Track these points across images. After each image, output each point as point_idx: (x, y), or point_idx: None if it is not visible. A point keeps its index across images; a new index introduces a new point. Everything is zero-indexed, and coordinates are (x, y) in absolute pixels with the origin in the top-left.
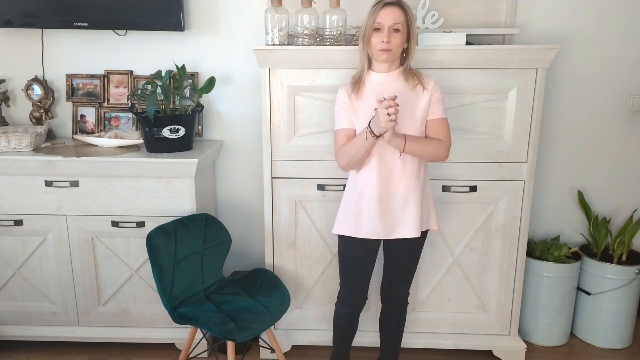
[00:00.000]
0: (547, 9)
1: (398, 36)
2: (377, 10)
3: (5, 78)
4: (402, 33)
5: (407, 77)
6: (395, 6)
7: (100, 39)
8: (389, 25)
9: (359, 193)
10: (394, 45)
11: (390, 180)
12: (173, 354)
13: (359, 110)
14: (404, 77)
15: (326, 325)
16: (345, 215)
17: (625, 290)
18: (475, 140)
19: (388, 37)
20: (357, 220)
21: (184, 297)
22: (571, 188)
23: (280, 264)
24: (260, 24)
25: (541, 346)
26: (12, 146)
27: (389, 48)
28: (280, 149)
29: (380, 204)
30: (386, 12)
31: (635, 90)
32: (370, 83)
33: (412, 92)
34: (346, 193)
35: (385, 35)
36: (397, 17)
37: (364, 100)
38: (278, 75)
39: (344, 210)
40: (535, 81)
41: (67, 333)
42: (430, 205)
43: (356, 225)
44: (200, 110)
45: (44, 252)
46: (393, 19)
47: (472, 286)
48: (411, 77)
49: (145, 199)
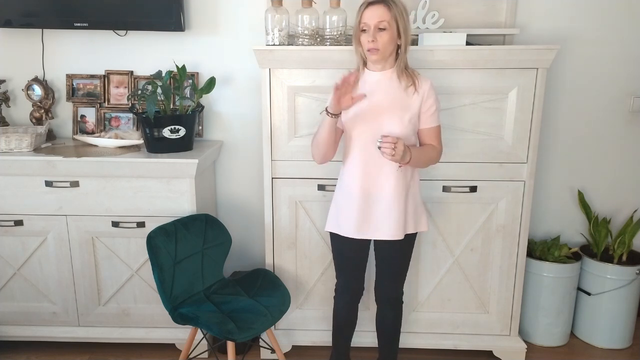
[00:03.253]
0: (547, 9)
1: (384, 34)
2: (362, 10)
3: (5, 78)
4: (389, 30)
5: (400, 77)
6: (379, 4)
7: (100, 39)
8: (373, 24)
9: (342, 191)
10: (380, 44)
11: (376, 180)
12: (173, 354)
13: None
14: (397, 76)
15: (326, 325)
16: (331, 212)
17: (625, 290)
18: (475, 140)
19: (373, 37)
20: (339, 218)
21: (184, 297)
22: (571, 188)
23: (280, 264)
24: (260, 24)
25: (541, 346)
26: (12, 146)
27: (375, 47)
28: (280, 149)
29: (362, 202)
30: (370, 11)
31: (635, 90)
32: (363, 80)
33: (403, 93)
34: (335, 190)
35: (371, 34)
36: (381, 15)
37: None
38: (278, 75)
39: (331, 207)
40: (535, 81)
41: (67, 333)
42: (419, 207)
43: (338, 223)
44: (200, 110)
45: (44, 252)
46: (377, 17)
47: (472, 286)
48: (405, 77)
49: (145, 199)
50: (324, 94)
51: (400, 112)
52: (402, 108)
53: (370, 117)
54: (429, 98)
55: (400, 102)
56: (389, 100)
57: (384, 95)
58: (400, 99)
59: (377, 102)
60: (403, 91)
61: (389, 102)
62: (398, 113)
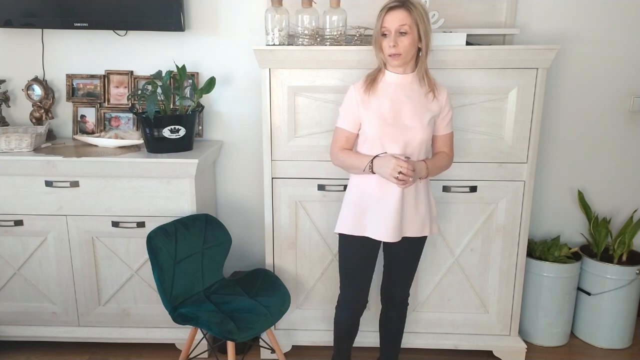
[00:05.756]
0: (547, 9)
1: (405, 39)
2: (382, 15)
3: (5, 78)
4: (410, 35)
5: (420, 81)
6: (400, 8)
7: (100, 39)
8: (394, 28)
9: (361, 191)
10: (402, 49)
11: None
12: (173, 354)
13: (370, 105)
14: (417, 80)
15: (326, 325)
16: (347, 213)
17: (625, 290)
18: (475, 140)
19: (394, 41)
20: (360, 219)
21: (184, 297)
22: (571, 188)
23: (280, 264)
24: (260, 24)
25: (541, 346)
26: (12, 146)
27: (397, 52)
28: (280, 149)
29: (382, 204)
30: (390, 16)
31: (635, 90)
32: (384, 81)
33: (424, 97)
34: (348, 191)
35: (392, 39)
36: (402, 19)
37: (376, 96)
38: (278, 75)
39: (347, 207)
40: (535, 81)
41: (67, 333)
42: (432, 208)
43: (358, 224)
44: (200, 110)
45: (44, 252)
46: (398, 22)
47: (472, 286)
48: (425, 82)
49: (145, 199)
50: (324, 94)
51: (421, 116)
52: (422, 112)
53: (391, 120)
54: (447, 106)
55: (422, 105)
56: (410, 103)
57: (405, 97)
58: (421, 102)
59: (399, 105)
60: (424, 96)
61: (411, 105)
62: (419, 116)
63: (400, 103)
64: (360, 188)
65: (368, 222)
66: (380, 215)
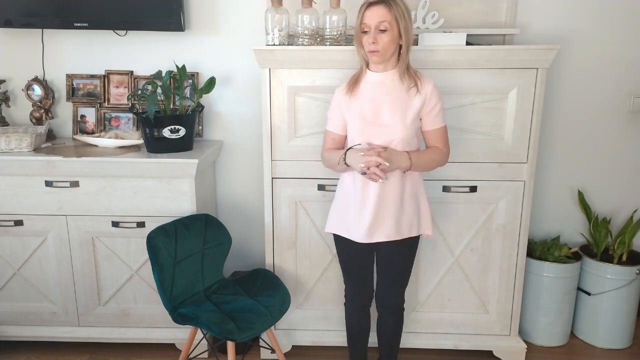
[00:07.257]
0: (547, 9)
1: (385, 36)
2: (362, 11)
3: (5, 78)
4: (390, 32)
5: (402, 78)
6: (380, 4)
7: (100, 39)
8: (374, 25)
9: (344, 188)
10: (381, 45)
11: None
12: (173, 354)
13: (352, 106)
14: (399, 77)
15: (326, 325)
16: (331, 212)
17: (625, 290)
18: (475, 140)
19: (374, 38)
20: (341, 219)
21: (184, 297)
22: (571, 188)
23: (280, 264)
24: (260, 24)
25: (541, 346)
26: (12, 146)
27: (376, 49)
28: (280, 149)
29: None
30: (370, 12)
31: (635, 90)
32: (365, 81)
33: (405, 94)
34: (336, 189)
35: (372, 36)
36: (381, 16)
37: (357, 96)
38: (278, 75)
39: (332, 206)
40: (535, 81)
41: (67, 333)
42: (422, 209)
43: (340, 224)
44: (200, 110)
45: (44, 252)
46: (377, 18)
47: (472, 286)
48: (407, 77)
49: (145, 199)
50: (324, 94)
51: (402, 114)
52: (403, 109)
53: (371, 119)
54: (432, 99)
55: (402, 103)
56: (391, 101)
57: (385, 95)
58: (402, 100)
59: (378, 103)
60: (405, 92)
61: (390, 102)
62: (399, 113)
63: (380, 101)
64: (344, 185)
65: (348, 221)
66: (357, 214)
